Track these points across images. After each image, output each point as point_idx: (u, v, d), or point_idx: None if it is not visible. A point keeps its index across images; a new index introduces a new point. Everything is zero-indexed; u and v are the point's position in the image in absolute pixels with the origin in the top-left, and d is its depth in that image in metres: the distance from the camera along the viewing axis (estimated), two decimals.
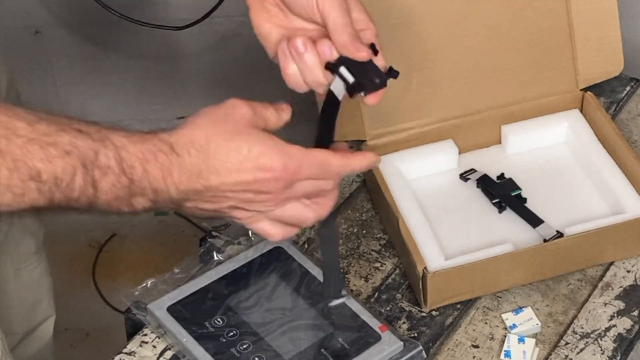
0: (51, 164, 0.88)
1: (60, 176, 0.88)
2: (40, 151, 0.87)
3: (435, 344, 1.14)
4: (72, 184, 0.89)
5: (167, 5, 2.05)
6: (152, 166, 0.92)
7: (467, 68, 1.32)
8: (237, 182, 0.95)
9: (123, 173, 0.91)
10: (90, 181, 0.89)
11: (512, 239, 1.21)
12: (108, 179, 0.90)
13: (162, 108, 2.23)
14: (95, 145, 0.90)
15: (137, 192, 0.92)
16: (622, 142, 1.27)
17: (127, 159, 0.91)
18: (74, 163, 0.89)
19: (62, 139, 0.89)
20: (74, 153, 0.89)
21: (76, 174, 0.89)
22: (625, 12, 1.45)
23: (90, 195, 0.90)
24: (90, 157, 0.90)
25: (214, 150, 0.94)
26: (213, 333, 1.11)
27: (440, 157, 1.31)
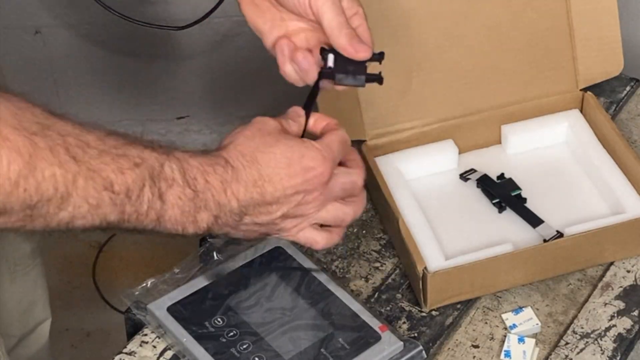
0: (123, 175, 0.89)
1: (131, 187, 0.90)
2: (112, 163, 0.89)
3: (435, 344, 1.14)
4: (142, 196, 0.91)
5: (167, 5, 2.05)
6: (212, 178, 0.95)
7: (467, 68, 1.32)
8: (289, 185, 0.99)
9: (187, 185, 0.93)
10: (158, 193, 0.92)
11: (512, 239, 1.21)
12: (174, 190, 0.93)
13: (162, 108, 2.23)
14: (161, 157, 0.93)
15: (201, 206, 0.95)
16: (622, 142, 1.27)
17: (189, 170, 0.94)
18: (143, 175, 0.91)
19: (130, 152, 0.91)
20: (142, 165, 0.91)
21: (145, 186, 0.91)
22: (625, 12, 1.45)
23: (158, 209, 0.92)
24: (157, 169, 0.92)
25: (262, 160, 0.98)
26: (213, 333, 1.11)
27: (440, 157, 1.31)
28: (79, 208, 0.88)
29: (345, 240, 1.25)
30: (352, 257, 1.23)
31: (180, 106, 2.24)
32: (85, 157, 0.88)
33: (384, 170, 1.26)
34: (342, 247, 1.24)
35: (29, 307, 1.51)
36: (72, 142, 0.88)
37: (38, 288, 1.51)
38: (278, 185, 0.98)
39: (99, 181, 0.88)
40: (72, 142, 0.88)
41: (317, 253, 1.23)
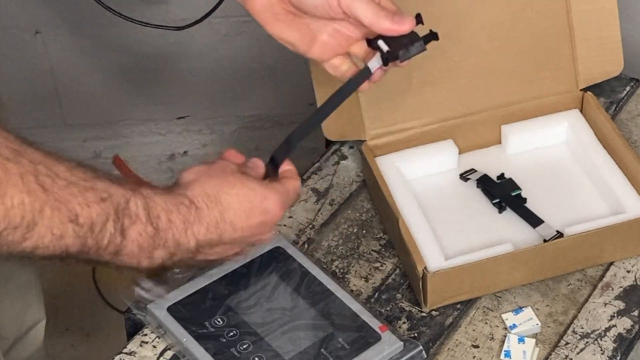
0: (89, 208, 0.90)
1: (95, 221, 0.90)
2: (80, 195, 0.89)
3: (435, 344, 1.14)
4: (104, 230, 0.91)
5: (167, 5, 2.05)
6: (175, 217, 0.96)
7: (467, 68, 1.32)
8: (247, 227, 1.01)
9: (150, 222, 0.94)
10: (120, 229, 0.92)
11: (512, 239, 1.21)
12: (136, 227, 0.93)
13: (162, 108, 2.23)
14: (127, 193, 0.93)
15: (159, 244, 0.95)
16: (622, 142, 1.27)
17: (154, 208, 0.95)
18: (108, 209, 0.91)
19: (98, 186, 0.91)
20: (108, 200, 0.91)
21: (108, 220, 0.91)
22: (625, 12, 1.45)
23: (118, 243, 0.93)
24: (122, 205, 0.92)
25: (225, 201, 1.00)
26: (213, 333, 1.11)
27: (440, 157, 1.31)
28: (42, 238, 0.87)
29: (345, 240, 1.25)
30: (352, 257, 1.23)
31: (180, 106, 2.24)
32: (54, 187, 0.88)
33: (384, 170, 1.26)
34: (342, 247, 1.24)
35: (23, 309, 1.51)
36: (42, 170, 0.88)
37: (32, 289, 1.51)
38: (237, 227, 1.00)
39: (65, 212, 0.88)
40: (42, 170, 0.88)
41: (317, 253, 1.23)
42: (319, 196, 1.30)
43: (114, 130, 2.27)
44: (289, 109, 2.20)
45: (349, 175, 1.33)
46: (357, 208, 1.29)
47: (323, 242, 1.25)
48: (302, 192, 1.31)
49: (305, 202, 1.30)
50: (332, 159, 1.35)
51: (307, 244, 1.25)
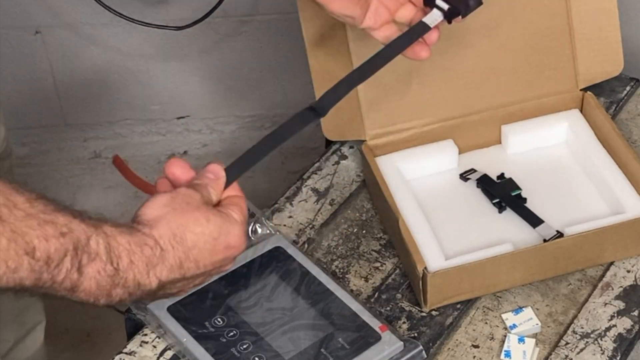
0: (47, 242, 0.87)
1: (52, 256, 0.88)
2: (38, 228, 0.87)
3: (436, 344, 1.14)
4: (61, 266, 0.89)
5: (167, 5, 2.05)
6: (137, 258, 0.94)
7: (467, 68, 1.32)
8: (210, 263, 0.99)
9: (110, 262, 0.92)
10: (77, 265, 0.90)
11: (512, 239, 1.21)
12: (95, 265, 0.91)
13: (162, 108, 2.23)
14: (89, 230, 0.91)
15: (119, 283, 0.93)
16: (622, 142, 1.27)
17: (116, 248, 0.92)
18: (67, 245, 0.89)
19: (58, 220, 0.89)
20: (68, 235, 0.89)
21: (66, 256, 0.89)
22: (625, 12, 1.45)
23: (75, 280, 0.90)
24: (82, 241, 0.90)
25: (191, 241, 0.97)
26: (213, 333, 1.11)
27: (440, 157, 1.31)
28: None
29: (345, 240, 1.25)
30: (352, 257, 1.23)
31: (180, 106, 2.24)
32: (11, 217, 0.86)
33: (384, 170, 1.26)
34: (342, 247, 1.24)
35: (23, 311, 1.50)
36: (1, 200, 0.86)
37: None
38: (201, 265, 0.98)
39: (22, 245, 0.86)
40: (0, 200, 0.86)
41: (317, 253, 1.23)
42: (319, 196, 1.30)
43: (114, 130, 2.27)
44: (289, 109, 2.19)
45: (349, 175, 1.33)
46: (357, 208, 1.29)
47: (323, 242, 1.25)
48: (301, 192, 1.31)
49: (305, 202, 1.30)
50: (332, 158, 1.35)
51: (307, 244, 1.25)
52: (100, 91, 2.19)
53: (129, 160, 2.24)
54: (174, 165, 1.03)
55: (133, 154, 2.27)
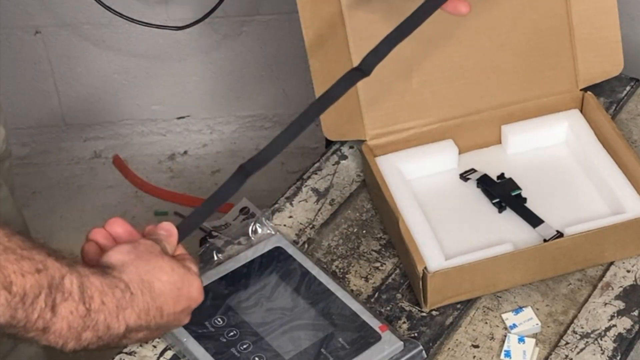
0: (23, 278, 0.87)
1: (28, 292, 0.88)
2: (15, 263, 0.87)
3: (436, 344, 1.14)
4: (35, 304, 0.88)
5: (167, 5, 2.05)
6: (109, 300, 0.94)
7: (467, 68, 1.32)
8: (172, 313, 1.01)
9: (82, 302, 0.92)
10: (51, 304, 0.90)
11: (512, 239, 1.21)
12: (68, 304, 0.91)
13: (162, 108, 2.24)
14: (63, 269, 0.91)
15: (89, 325, 0.93)
16: (622, 142, 1.27)
17: (89, 288, 0.93)
18: (42, 282, 0.89)
19: (35, 256, 0.89)
20: (43, 272, 0.89)
21: (41, 294, 0.89)
22: (625, 12, 1.45)
23: (47, 319, 0.90)
24: (57, 279, 0.90)
25: (157, 289, 0.99)
26: (213, 333, 1.11)
27: (440, 157, 1.31)
28: None
29: (345, 240, 1.25)
30: (352, 257, 1.23)
31: (180, 106, 2.24)
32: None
33: (384, 170, 1.26)
34: (342, 247, 1.24)
35: None
36: None
37: None
38: (164, 314, 1.00)
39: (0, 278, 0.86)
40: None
41: (317, 253, 1.23)
42: (319, 196, 1.30)
43: (114, 130, 2.27)
44: (289, 109, 2.20)
45: (349, 175, 1.33)
46: (357, 208, 1.29)
47: (323, 242, 1.25)
48: (301, 192, 1.31)
49: (306, 202, 1.30)
50: (332, 158, 1.35)
51: (307, 244, 1.25)
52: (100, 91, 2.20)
53: (129, 160, 2.24)
54: (115, 224, 1.05)
55: (133, 154, 2.27)
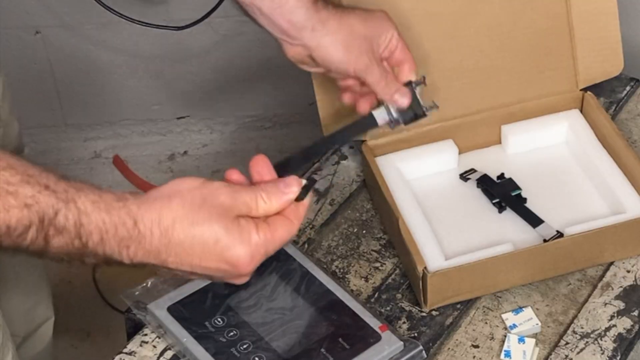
0: (7, 213, 0.87)
1: (13, 226, 0.88)
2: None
3: (436, 344, 1.14)
4: (25, 235, 0.89)
5: (167, 5, 2.05)
6: (110, 237, 0.92)
7: (467, 68, 1.32)
8: (198, 266, 0.96)
9: (78, 237, 0.91)
10: (43, 236, 0.90)
11: (512, 239, 1.21)
12: (61, 238, 0.90)
13: (162, 108, 2.23)
14: (58, 204, 0.90)
15: (89, 255, 0.93)
16: (622, 142, 1.27)
17: (87, 225, 0.91)
18: (31, 217, 0.88)
19: (24, 191, 0.88)
20: (33, 207, 0.89)
21: (31, 227, 0.89)
22: (625, 12, 1.45)
23: (41, 247, 0.90)
24: (49, 214, 0.89)
25: (177, 236, 0.94)
26: (213, 333, 1.11)
27: (440, 157, 1.31)
28: None
29: (346, 240, 1.25)
30: (352, 257, 1.23)
31: (180, 106, 2.24)
32: None
33: (384, 170, 1.26)
34: (342, 247, 1.24)
35: (33, 307, 1.51)
36: None
37: (41, 288, 1.51)
38: (185, 263, 0.95)
39: None
40: None
41: (317, 253, 1.23)
42: (319, 196, 1.30)
43: (114, 130, 2.27)
44: (289, 109, 2.20)
45: (349, 175, 1.33)
46: (357, 208, 1.29)
47: (323, 242, 1.25)
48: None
49: None
50: (332, 159, 1.35)
51: (307, 244, 1.25)
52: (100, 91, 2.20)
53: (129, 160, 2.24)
54: (233, 173, 1.01)
55: (133, 154, 2.27)
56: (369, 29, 1.17)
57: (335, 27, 1.16)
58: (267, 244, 0.97)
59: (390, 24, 1.18)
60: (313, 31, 1.15)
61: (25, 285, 1.47)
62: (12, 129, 1.40)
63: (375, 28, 1.17)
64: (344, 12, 1.17)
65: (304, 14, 1.15)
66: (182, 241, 0.94)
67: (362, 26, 1.16)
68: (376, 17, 1.18)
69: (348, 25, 1.16)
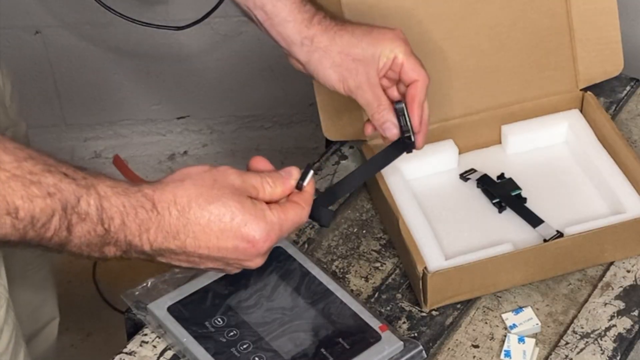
0: (31, 203, 0.88)
1: (37, 216, 0.88)
2: (22, 189, 0.88)
3: (436, 344, 1.14)
4: (48, 225, 0.89)
5: (167, 5, 2.05)
6: (130, 220, 0.93)
7: (467, 68, 1.32)
8: (215, 247, 0.97)
9: (101, 222, 0.92)
10: (66, 225, 0.90)
11: (512, 239, 1.21)
12: (84, 225, 0.91)
13: (162, 108, 2.23)
14: (79, 190, 0.91)
15: (110, 242, 0.93)
16: (622, 142, 1.27)
17: (108, 209, 0.92)
18: (55, 205, 0.89)
19: (46, 180, 0.89)
20: (56, 196, 0.89)
21: (54, 216, 0.89)
22: (625, 12, 1.45)
23: (63, 237, 0.91)
24: (72, 202, 0.90)
25: (194, 215, 0.95)
26: (213, 333, 1.11)
27: (440, 157, 1.31)
28: None
29: (345, 240, 1.25)
30: (352, 257, 1.23)
31: (180, 106, 2.24)
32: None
33: (384, 170, 1.26)
34: (342, 247, 1.24)
35: (39, 306, 1.51)
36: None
37: (47, 287, 1.52)
38: (202, 245, 0.96)
39: (3, 205, 0.87)
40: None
41: (317, 253, 1.23)
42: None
43: (114, 130, 2.27)
44: (289, 109, 2.20)
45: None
46: (357, 208, 1.29)
47: (323, 242, 1.25)
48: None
49: None
50: (332, 158, 1.35)
51: (307, 244, 1.25)
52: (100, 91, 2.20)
53: (129, 160, 2.24)
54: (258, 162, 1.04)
55: (133, 154, 2.27)
56: (365, 48, 1.14)
57: (325, 44, 1.14)
58: (281, 223, 0.99)
59: (396, 42, 1.14)
60: (302, 46, 1.15)
61: (32, 284, 1.47)
62: (21, 129, 1.41)
63: (373, 46, 1.14)
64: (341, 29, 1.15)
65: (292, 28, 1.14)
66: (199, 219, 0.95)
67: (357, 45, 1.14)
68: (376, 35, 1.15)
69: (340, 44, 1.14)
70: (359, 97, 1.15)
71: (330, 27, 1.15)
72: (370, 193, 1.30)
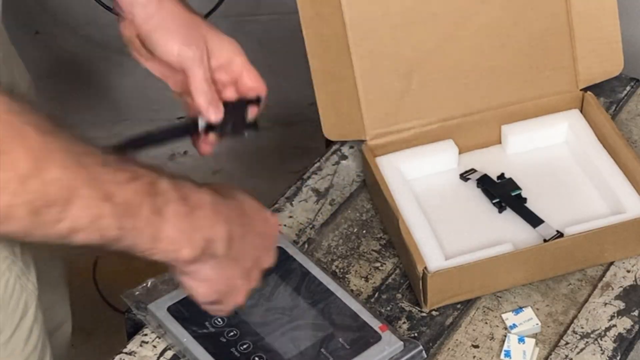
0: (123, 187, 0.85)
1: (131, 201, 0.86)
2: (112, 174, 0.85)
3: (436, 344, 1.14)
4: (140, 210, 0.86)
5: None
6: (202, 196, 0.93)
7: (467, 68, 1.32)
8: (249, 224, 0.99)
9: (182, 199, 0.90)
10: (156, 209, 0.88)
11: (512, 239, 1.21)
12: (172, 206, 0.89)
13: (162, 108, 2.23)
14: (153, 174, 0.89)
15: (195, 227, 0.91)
16: (622, 142, 1.27)
17: (182, 186, 0.91)
18: (141, 189, 0.87)
19: (127, 166, 0.87)
20: (139, 180, 0.87)
21: (144, 200, 0.87)
22: (625, 12, 1.45)
23: (157, 225, 0.88)
24: (153, 183, 0.88)
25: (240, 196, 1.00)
26: (213, 333, 1.11)
27: (440, 157, 1.31)
28: (78, 218, 0.83)
29: (345, 240, 1.25)
30: (352, 257, 1.23)
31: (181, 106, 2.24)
32: (89, 164, 0.84)
33: (384, 170, 1.26)
34: (342, 247, 1.24)
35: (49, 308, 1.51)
36: (78, 148, 0.84)
37: (60, 288, 1.51)
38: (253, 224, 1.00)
39: (101, 191, 0.83)
40: (79, 148, 0.84)
41: (317, 253, 1.23)
42: (319, 196, 1.30)
43: (114, 130, 2.27)
44: (289, 108, 2.20)
45: (349, 175, 1.33)
46: (357, 208, 1.29)
47: (323, 242, 1.25)
48: (301, 192, 1.31)
49: (306, 202, 1.30)
50: (332, 159, 1.35)
51: (307, 244, 1.25)
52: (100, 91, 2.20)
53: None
54: None
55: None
56: (209, 34, 1.14)
57: (170, 8, 1.12)
58: None
59: (236, 49, 1.16)
60: (145, 7, 1.12)
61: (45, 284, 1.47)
62: None
63: (217, 39, 1.14)
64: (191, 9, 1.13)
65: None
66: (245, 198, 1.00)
67: (204, 27, 1.13)
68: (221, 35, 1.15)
69: (186, 14, 1.12)
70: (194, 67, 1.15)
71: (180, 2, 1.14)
72: (370, 193, 1.30)
